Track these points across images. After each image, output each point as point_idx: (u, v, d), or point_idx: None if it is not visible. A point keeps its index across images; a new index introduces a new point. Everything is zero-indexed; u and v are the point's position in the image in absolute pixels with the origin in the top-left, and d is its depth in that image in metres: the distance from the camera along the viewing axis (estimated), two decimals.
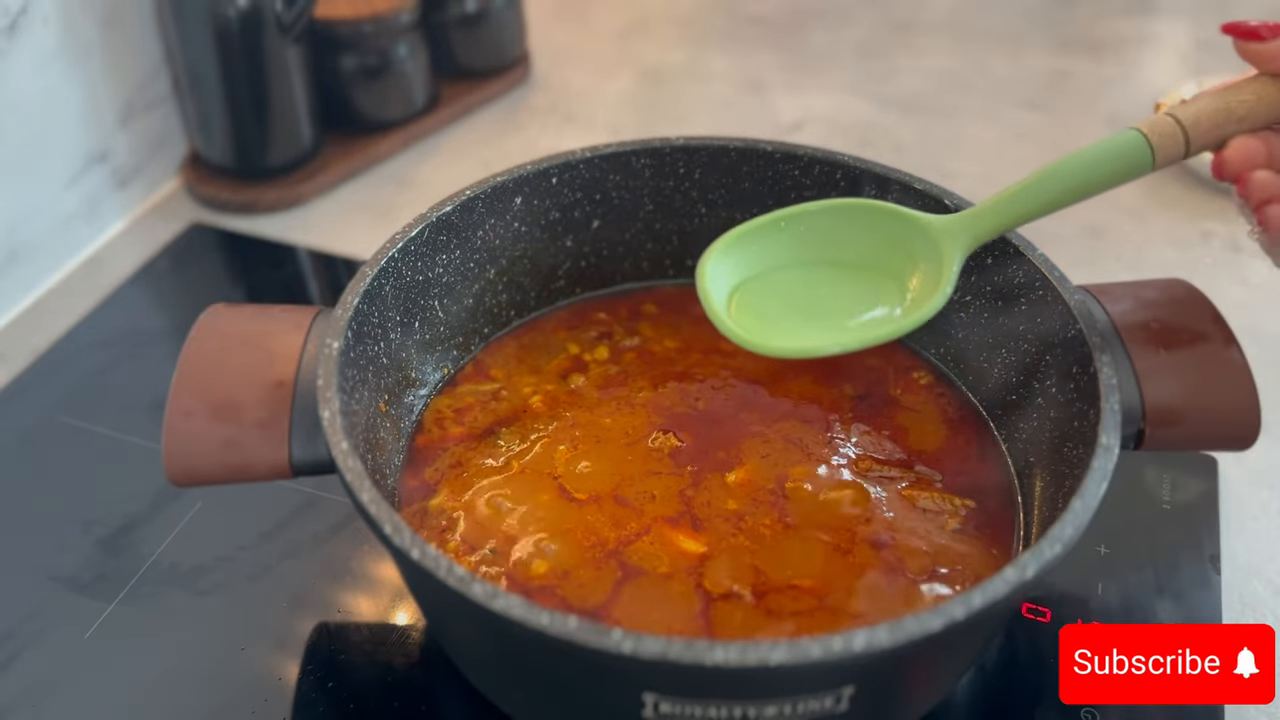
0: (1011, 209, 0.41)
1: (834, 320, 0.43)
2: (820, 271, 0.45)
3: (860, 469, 0.45)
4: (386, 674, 0.44)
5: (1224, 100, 0.38)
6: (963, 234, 0.42)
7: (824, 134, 0.80)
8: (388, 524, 0.33)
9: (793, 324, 0.43)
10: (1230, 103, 0.38)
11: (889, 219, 0.44)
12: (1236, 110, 0.38)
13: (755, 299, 0.44)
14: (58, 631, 0.46)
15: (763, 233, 0.44)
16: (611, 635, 0.30)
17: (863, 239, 0.44)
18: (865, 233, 0.44)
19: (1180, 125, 0.38)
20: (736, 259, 0.44)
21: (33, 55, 0.62)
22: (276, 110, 0.70)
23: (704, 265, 0.43)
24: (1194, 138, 0.38)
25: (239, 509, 0.50)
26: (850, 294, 0.44)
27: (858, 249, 0.44)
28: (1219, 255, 0.68)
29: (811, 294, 0.44)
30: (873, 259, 0.44)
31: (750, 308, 0.43)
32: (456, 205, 0.47)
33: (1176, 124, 0.38)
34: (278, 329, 0.41)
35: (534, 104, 0.84)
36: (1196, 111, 0.38)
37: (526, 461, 0.45)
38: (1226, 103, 0.38)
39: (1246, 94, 0.38)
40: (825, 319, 0.43)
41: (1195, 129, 0.38)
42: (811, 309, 0.44)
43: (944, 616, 0.30)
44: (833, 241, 0.45)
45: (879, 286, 0.44)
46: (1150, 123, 0.39)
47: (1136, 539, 0.49)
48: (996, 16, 0.96)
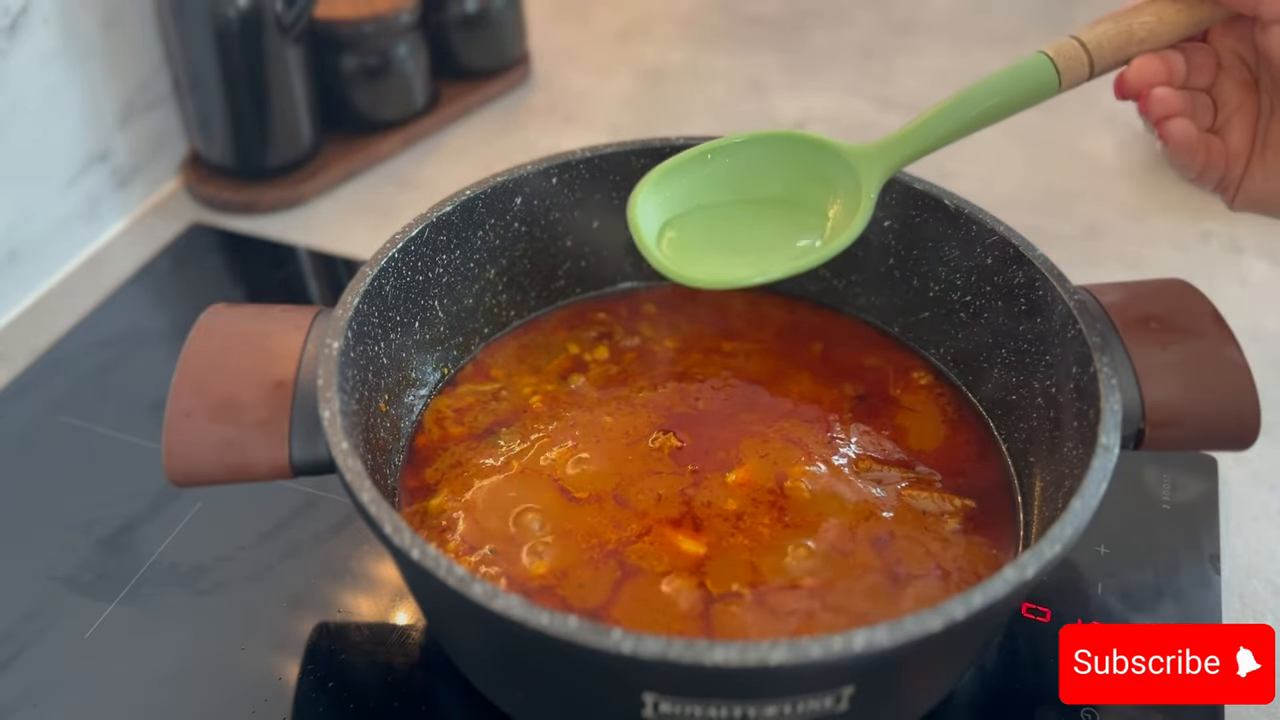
0: (926, 134, 0.42)
1: (759, 252, 0.44)
2: (746, 207, 0.46)
3: (860, 469, 0.45)
4: (386, 674, 0.44)
5: (1125, 23, 0.40)
6: (879, 160, 0.43)
7: (824, 134, 0.80)
8: (388, 524, 0.33)
9: (720, 257, 0.44)
10: (1131, 25, 0.39)
11: (809, 148, 0.45)
12: (1138, 32, 0.39)
13: (685, 234, 0.45)
14: (58, 631, 0.46)
15: (691, 167, 0.45)
16: (611, 635, 0.30)
17: (786, 171, 0.45)
18: (788, 164, 0.45)
19: (1084, 47, 0.40)
20: (666, 194, 0.45)
21: (33, 55, 0.62)
22: (276, 110, 0.70)
23: (635, 199, 0.44)
24: (1098, 59, 0.40)
25: (239, 509, 0.50)
26: (775, 227, 0.45)
27: (782, 181, 0.45)
28: (1219, 255, 0.68)
29: (738, 228, 0.45)
30: (796, 192, 0.45)
31: (680, 243, 0.44)
32: (456, 205, 0.47)
33: (1080, 46, 0.40)
34: (278, 329, 0.41)
35: (534, 104, 0.84)
36: (1099, 34, 0.40)
37: (526, 461, 0.45)
38: (1128, 24, 0.39)
39: (1147, 15, 0.39)
40: (751, 252, 0.44)
41: (1098, 51, 0.39)
42: (738, 243, 0.45)
43: (944, 616, 0.30)
44: (758, 175, 0.45)
45: (803, 219, 0.45)
46: (1056, 47, 0.40)
47: (1136, 539, 0.49)
48: (996, 16, 0.96)
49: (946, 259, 0.48)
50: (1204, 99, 0.40)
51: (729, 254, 0.44)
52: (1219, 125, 0.40)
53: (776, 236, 0.45)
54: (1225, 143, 0.40)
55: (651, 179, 0.44)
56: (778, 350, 0.51)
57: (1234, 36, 0.40)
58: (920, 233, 0.49)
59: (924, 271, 0.50)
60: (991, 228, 0.46)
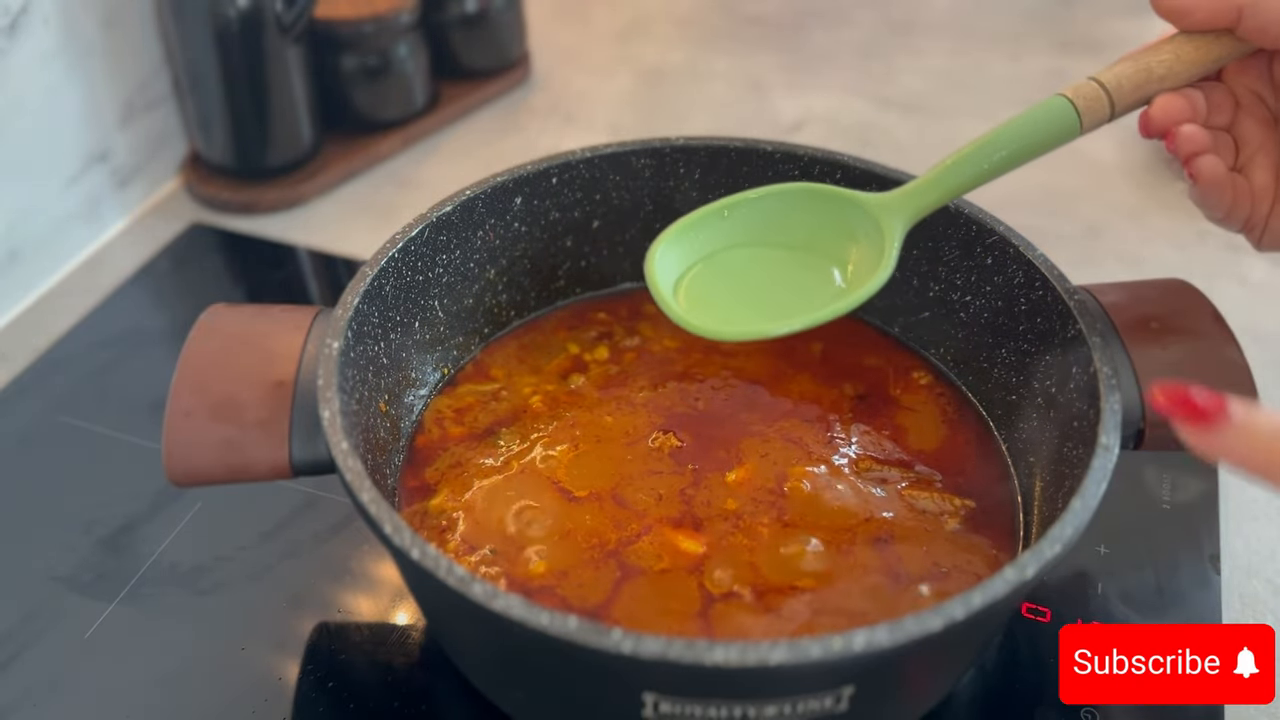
0: (948, 182, 0.42)
1: (780, 303, 0.44)
2: (765, 255, 0.45)
3: (860, 469, 0.45)
4: (386, 674, 0.44)
5: (1144, 62, 0.39)
6: (902, 210, 0.42)
7: (824, 134, 0.80)
8: (388, 524, 0.33)
9: (739, 308, 0.43)
10: (1150, 63, 0.39)
11: (829, 200, 0.44)
12: (1156, 70, 0.39)
13: (702, 285, 0.44)
14: (58, 631, 0.46)
15: (707, 222, 0.45)
16: (611, 635, 0.30)
17: (805, 221, 0.45)
18: (807, 215, 0.45)
19: (1104, 89, 0.39)
20: (683, 248, 0.44)
21: (33, 55, 0.62)
22: (276, 110, 0.70)
23: (652, 255, 0.43)
24: (1118, 99, 0.39)
25: (239, 509, 0.50)
26: (795, 276, 0.44)
27: (801, 231, 0.45)
28: (1218, 255, 0.68)
29: (757, 278, 0.44)
30: (817, 240, 0.45)
31: (697, 294, 0.44)
32: (456, 205, 0.47)
33: (1101, 88, 0.39)
34: (278, 329, 0.41)
35: (534, 104, 0.84)
36: (1118, 74, 0.39)
37: (526, 461, 0.45)
38: (1146, 64, 0.39)
39: (1165, 54, 0.39)
40: (771, 302, 0.44)
41: (1118, 91, 0.39)
42: (757, 293, 0.44)
43: (944, 616, 0.30)
44: (776, 226, 0.45)
45: (824, 267, 0.44)
46: (1075, 89, 0.40)
47: (1136, 539, 0.49)
48: (996, 16, 0.96)
49: (946, 259, 0.48)
50: (1225, 138, 0.40)
51: (748, 305, 0.43)
52: (1241, 164, 0.40)
53: (797, 286, 0.44)
54: (1250, 181, 0.40)
55: (668, 236, 0.44)
56: (778, 350, 0.51)
57: (1251, 74, 0.40)
58: (920, 233, 0.49)
59: (924, 271, 0.50)
60: (991, 228, 0.46)
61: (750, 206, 0.45)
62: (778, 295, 0.44)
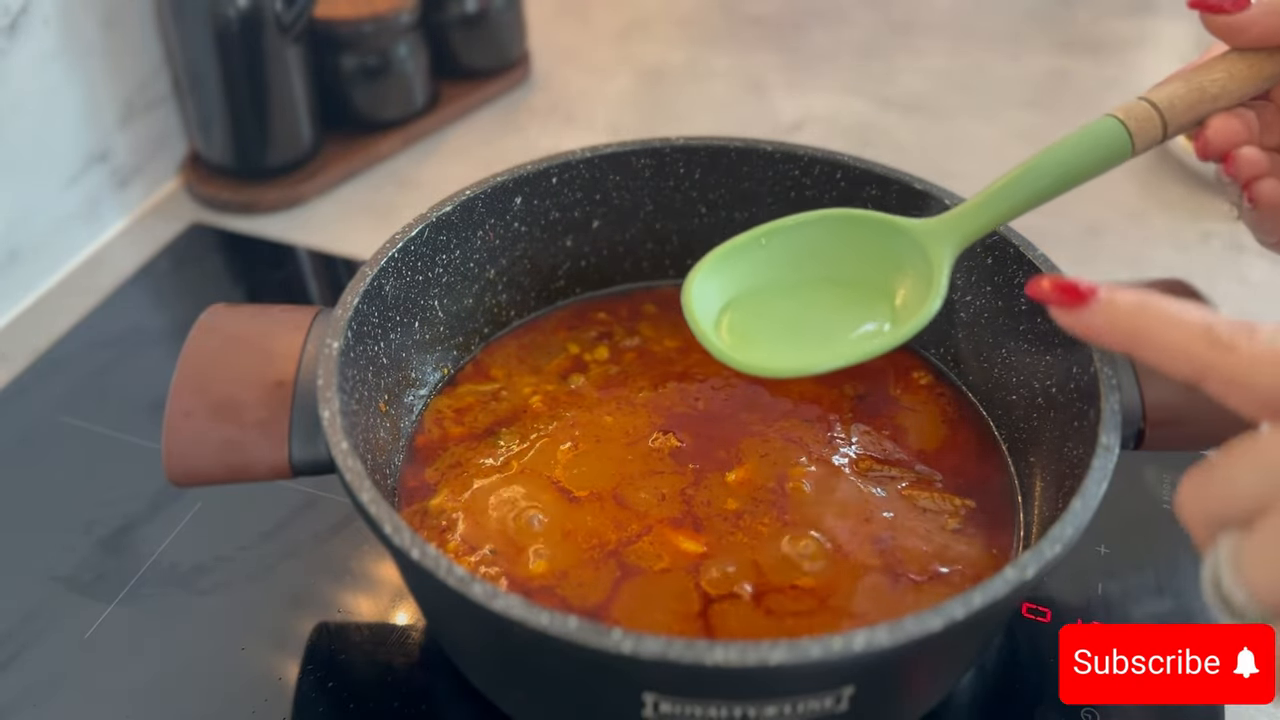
0: (996, 206, 0.40)
1: (825, 336, 0.42)
2: (811, 288, 0.43)
3: (860, 469, 0.45)
4: (386, 674, 0.44)
5: (1197, 81, 0.38)
6: (949, 236, 0.41)
7: (824, 134, 0.80)
8: (388, 524, 0.33)
9: (783, 342, 0.42)
10: (1203, 83, 0.38)
11: (872, 227, 0.43)
12: (1210, 90, 0.38)
13: (745, 318, 0.43)
14: (58, 631, 0.46)
15: (744, 251, 0.43)
16: (611, 635, 0.30)
17: (848, 249, 0.43)
18: (850, 242, 0.43)
19: (1157, 109, 0.38)
20: (723, 278, 0.43)
21: (33, 55, 0.62)
22: (276, 110, 0.70)
23: (690, 285, 0.42)
24: (1170, 120, 0.38)
25: (239, 509, 0.50)
26: (841, 308, 0.43)
27: (845, 260, 0.43)
28: (1219, 255, 0.68)
29: (802, 311, 0.43)
30: (861, 270, 0.43)
31: (740, 327, 0.42)
32: (456, 205, 0.47)
33: (1153, 108, 0.38)
34: (278, 329, 0.41)
35: (534, 104, 0.84)
36: (1170, 94, 0.38)
37: (526, 461, 0.45)
38: (1200, 83, 0.38)
39: (1218, 72, 0.38)
40: (816, 336, 0.42)
41: (1171, 112, 0.38)
42: (802, 326, 0.43)
43: (944, 616, 0.30)
44: (819, 254, 0.43)
45: (870, 298, 0.43)
46: (1127, 109, 0.39)
47: (1136, 539, 0.49)
48: (996, 16, 0.96)
49: None
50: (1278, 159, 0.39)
51: (792, 339, 0.42)
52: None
53: (843, 318, 0.42)
54: None
55: (706, 264, 0.43)
56: None
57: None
58: None
59: None
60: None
61: (789, 234, 0.43)
62: (824, 328, 0.42)
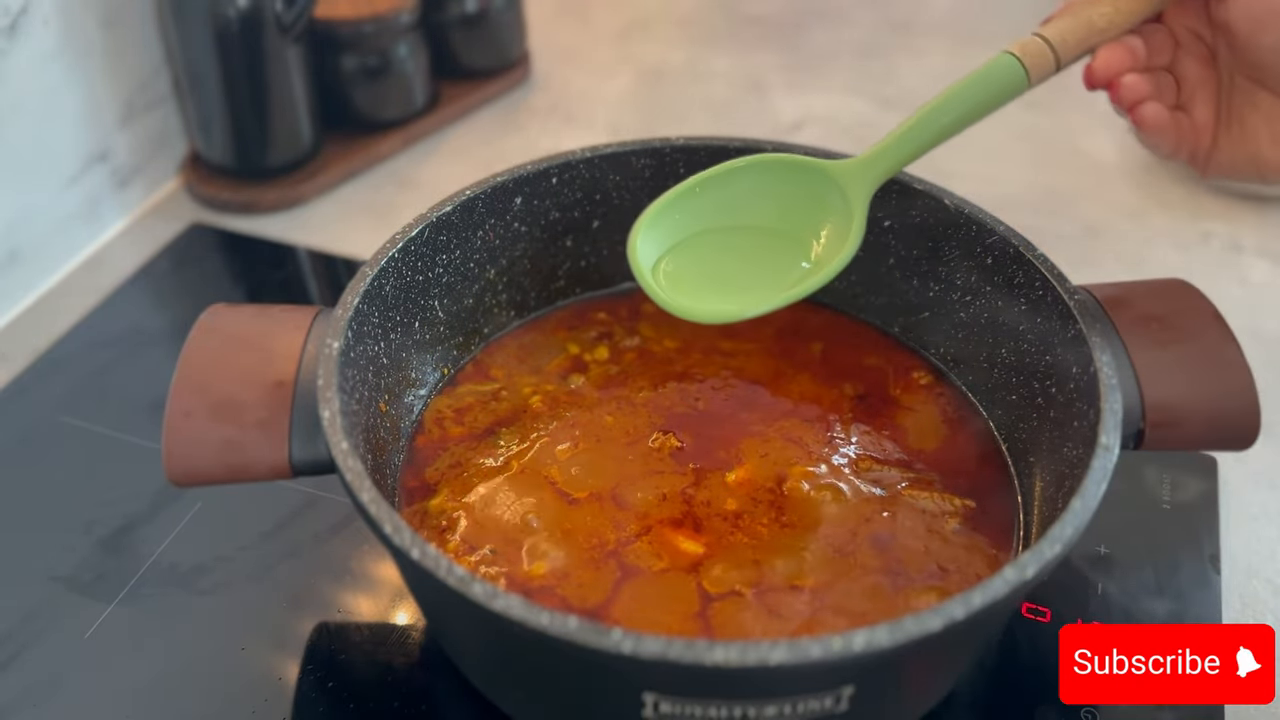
0: (907, 144, 0.43)
1: (752, 282, 0.45)
2: (743, 235, 0.46)
3: (860, 469, 0.45)
4: (386, 674, 0.44)
5: (1085, 15, 0.41)
6: (865, 174, 0.44)
7: (824, 134, 0.80)
8: (388, 524, 0.33)
9: (711, 289, 0.45)
10: (1091, 16, 0.41)
11: (795, 170, 0.45)
12: (1097, 23, 0.40)
13: (680, 267, 0.45)
14: (58, 631, 0.46)
15: (682, 202, 0.45)
16: (611, 635, 0.30)
17: (776, 195, 0.46)
18: (777, 188, 0.46)
19: (1048, 43, 0.41)
20: (663, 228, 0.45)
21: (33, 55, 0.62)
22: (276, 110, 0.70)
23: (634, 237, 0.44)
24: (1062, 53, 0.41)
25: (239, 509, 0.50)
26: (770, 255, 0.45)
27: (774, 207, 0.46)
28: (1219, 255, 0.68)
29: (733, 259, 0.46)
30: (790, 216, 0.46)
31: (675, 276, 0.45)
32: (456, 205, 0.47)
33: (1045, 43, 0.41)
34: (278, 329, 0.41)
35: (534, 104, 0.84)
36: (1061, 29, 0.41)
37: (526, 461, 0.45)
38: (1088, 16, 0.41)
39: (1105, 6, 0.41)
40: (744, 284, 0.45)
41: (1062, 46, 0.41)
42: (732, 275, 0.45)
43: (944, 616, 0.30)
44: (749, 202, 0.46)
45: (798, 245, 0.45)
46: (1022, 45, 0.41)
47: (1136, 539, 0.49)
48: (996, 17, 0.96)
49: (946, 259, 0.48)
50: (1166, 78, 0.42)
51: (722, 287, 0.45)
52: (1183, 101, 0.42)
53: (771, 266, 0.45)
54: (1191, 118, 0.41)
55: (648, 216, 0.45)
56: (778, 350, 0.51)
57: (1189, 14, 0.41)
58: (920, 233, 0.49)
59: (924, 271, 0.50)
60: (991, 228, 0.46)
61: (721, 181, 0.46)
62: (751, 277, 0.45)
